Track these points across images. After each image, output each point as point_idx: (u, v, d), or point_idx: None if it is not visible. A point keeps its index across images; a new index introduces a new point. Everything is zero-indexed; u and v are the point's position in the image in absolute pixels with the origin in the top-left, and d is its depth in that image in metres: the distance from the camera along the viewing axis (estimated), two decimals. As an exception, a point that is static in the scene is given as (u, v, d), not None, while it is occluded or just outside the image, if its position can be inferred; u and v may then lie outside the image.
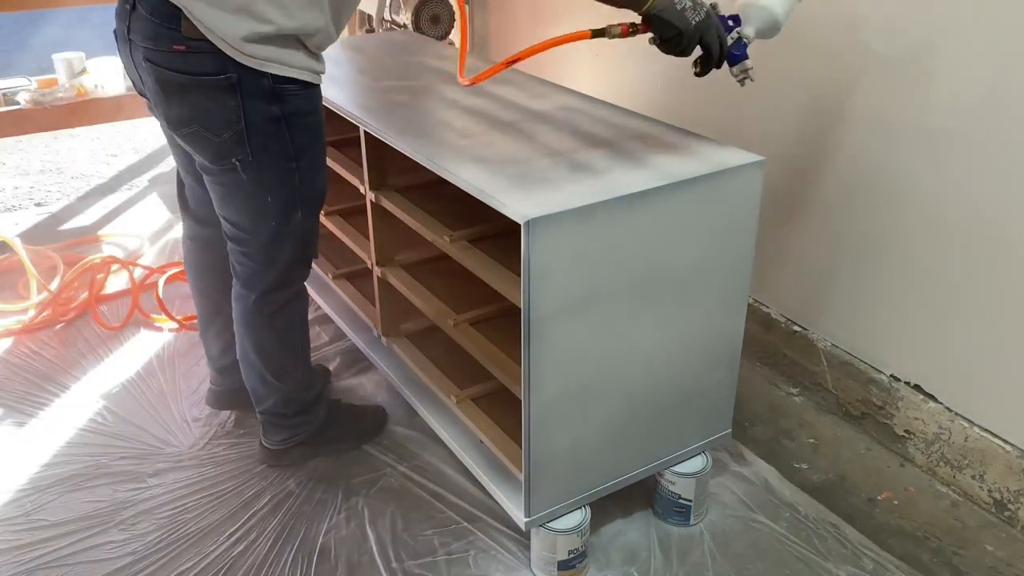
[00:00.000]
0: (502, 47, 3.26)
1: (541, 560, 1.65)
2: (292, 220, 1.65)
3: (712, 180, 1.52)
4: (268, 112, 1.52)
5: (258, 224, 1.64)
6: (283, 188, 1.61)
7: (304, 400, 1.89)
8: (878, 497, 1.90)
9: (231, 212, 1.65)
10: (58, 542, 1.76)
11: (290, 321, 1.79)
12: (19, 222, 3.24)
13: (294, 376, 1.84)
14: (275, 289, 1.72)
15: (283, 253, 1.68)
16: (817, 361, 2.19)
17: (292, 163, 1.59)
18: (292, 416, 1.89)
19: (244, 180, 1.58)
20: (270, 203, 1.62)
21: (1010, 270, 1.72)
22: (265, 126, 1.54)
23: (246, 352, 1.81)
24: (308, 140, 1.61)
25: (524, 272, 1.36)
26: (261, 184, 1.59)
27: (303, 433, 1.92)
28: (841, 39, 1.93)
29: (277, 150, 1.57)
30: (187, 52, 1.45)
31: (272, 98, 1.51)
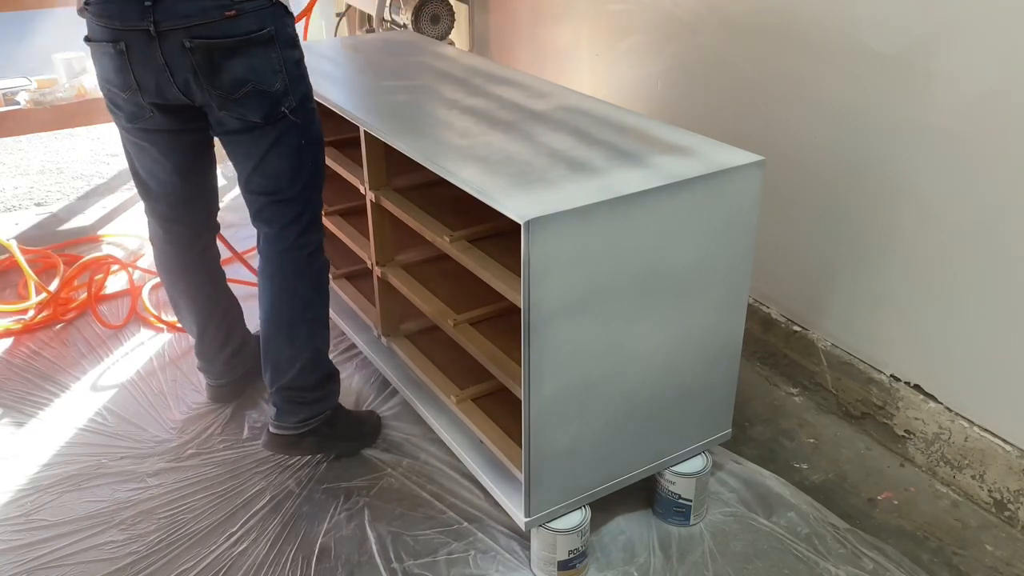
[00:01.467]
0: (502, 47, 3.26)
1: (541, 560, 1.65)
2: (319, 159, 1.78)
3: (712, 180, 1.52)
4: (294, 56, 1.66)
5: (299, 169, 1.73)
6: (311, 128, 1.73)
7: (326, 367, 1.88)
8: (878, 497, 1.90)
9: (272, 166, 1.71)
10: (58, 542, 1.76)
11: (322, 265, 1.84)
12: (19, 222, 3.24)
13: (326, 327, 1.87)
14: (308, 231, 1.79)
15: (315, 195, 1.79)
16: (817, 361, 2.19)
17: (312, 103, 1.73)
18: (313, 389, 1.84)
19: (293, 126, 1.68)
20: (304, 146, 1.72)
21: (1010, 270, 1.72)
22: (296, 70, 1.66)
23: (278, 309, 1.80)
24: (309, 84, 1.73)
25: (524, 272, 1.36)
26: (299, 128, 1.70)
27: (320, 415, 1.87)
28: (841, 39, 1.94)
29: (305, 92, 1.70)
30: (237, 15, 1.55)
31: (295, 43, 1.65)
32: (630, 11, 2.54)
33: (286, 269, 1.80)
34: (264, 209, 1.77)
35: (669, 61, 2.44)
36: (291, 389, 1.83)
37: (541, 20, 3.00)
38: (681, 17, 2.36)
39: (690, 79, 2.39)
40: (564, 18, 2.87)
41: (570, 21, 2.83)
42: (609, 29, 2.65)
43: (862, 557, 1.72)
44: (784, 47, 2.09)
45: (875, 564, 1.70)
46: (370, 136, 1.84)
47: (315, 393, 1.86)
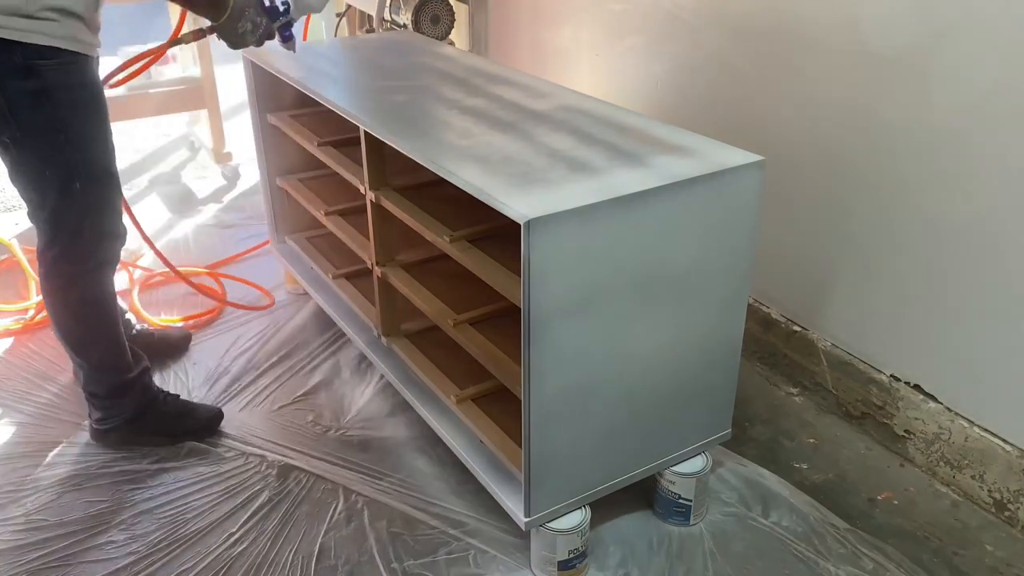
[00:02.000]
0: (502, 47, 3.26)
1: (541, 560, 1.65)
2: (72, 191, 1.69)
3: (712, 180, 1.52)
4: (23, 87, 1.56)
5: (42, 196, 1.70)
6: (56, 161, 1.66)
7: (113, 383, 1.92)
8: (878, 497, 1.90)
9: (18, 184, 1.71)
10: (58, 542, 1.76)
11: (83, 297, 1.81)
12: (19, 222, 3.24)
13: (96, 354, 1.87)
14: (63, 260, 1.76)
15: (67, 225, 1.73)
16: (817, 361, 2.19)
17: (60, 135, 1.64)
18: (104, 398, 1.93)
19: (18, 154, 1.65)
20: (48, 176, 1.67)
21: (1010, 270, 1.72)
22: (25, 101, 1.58)
23: (52, 323, 1.86)
24: (74, 113, 1.64)
25: (524, 272, 1.36)
26: (36, 158, 1.65)
27: (116, 418, 1.96)
28: (841, 39, 1.93)
29: (43, 124, 1.61)
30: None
31: (25, 73, 1.55)
32: (630, 11, 2.54)
33: (45, 291, 1.81)
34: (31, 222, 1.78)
35: (669, 61, 2.44)
36: (86, 391, 1.94)
37: (541, 20, 2.99)
38: (681, 17, 2.36)
39: (690, 79, 2.39)
40: (564, 18, 2.87)
41: (570, 21, 2.83)
42: (609, 29, 2.65)
43: (862, 557, 1.72)
44: (784, 47, 2.09)
45: (875, 564, 1.70)
46: (370, 136, 1.83)
47: (105, 401, 1.95)
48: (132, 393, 1.96)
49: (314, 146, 2.22)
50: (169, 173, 3.73)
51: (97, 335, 1.87)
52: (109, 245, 1.82)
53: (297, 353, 2.40)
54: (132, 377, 1.95)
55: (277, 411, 2.16)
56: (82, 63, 1.63)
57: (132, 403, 1.97)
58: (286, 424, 2.11)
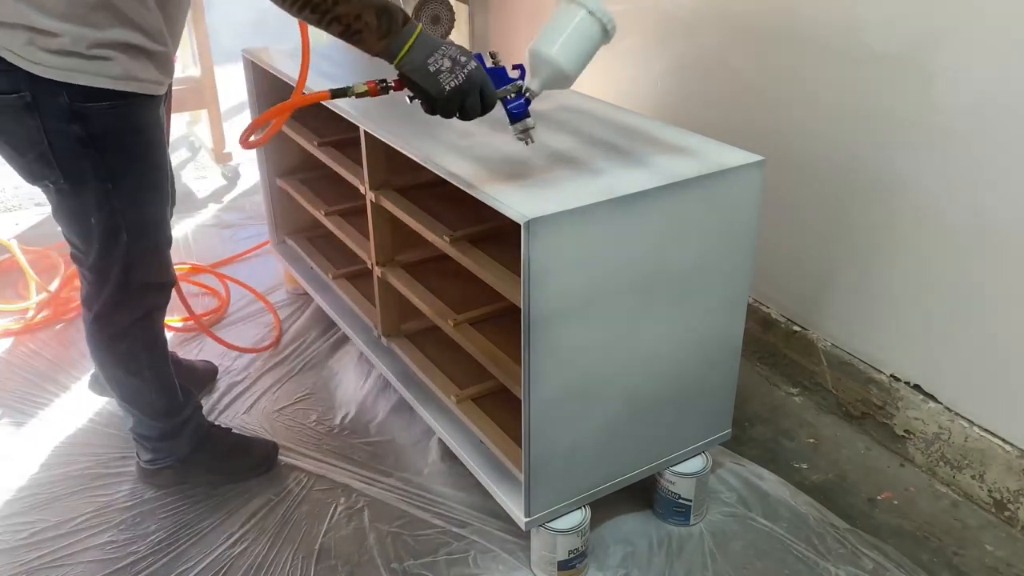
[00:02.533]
0: (501, 47, 3.26)
1: (541, 560, 1.65)
2: (118, 242, 1.56)
3: (712, 180, 1.52)
4: (70, 132, 1.43)
5: (87, 243, 1.58)
6: (101, 211, 1.53)
7: (164, 428, 1.81)
8: (878, 497, 1.90)
9: (63, 228, 1.60)
10: (58, 542, 1.76)
11: (132, 347, 1.69)
12: (19, 222, 3.24)
13: (147, 402, 1.76)
14: (111, 311, 1.64)
15: (113, 275, 1.60)
16: (817, 361, 2.19)
17: (107, 184, 1.50)
18: (155, 440, 1.83)
19: (60, 202, 1.53)
20: (93, 224, 1.54)
21: (1010, 270, 1.72)
22: (70, 147, 1.44)
23: (99, 371, 1.78)
24: (124, 161, 1.51)
25: (524, 272, 1.36)
26: (81, 206, 1.52)
27: (168, 459, 1.86)
28: (841, 39, 1.93)
29: (88, 172, 1.48)
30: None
31: (72, 117, 1.42)
32: (630, 11, 2.54)
33: (91, 343, 1.71)
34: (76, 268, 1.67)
35: (669, 61, 2.44)
36: (135, 434, 1.85)
37: (541, 20, 2.99)
38: (681, 17, 2.36)
39: (690, 79, 2.39)
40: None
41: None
42: (609, 29, 2.65)
43: (862, 557, 1.72)
44: (784, 47, 2.09)
45: (875, 564, 1.70)
46: (370, 136, 1.83)
47: (155, 443, 1.85)
48: (184, 434, 1.85)
49: (314, 146, 2.22)
50: (169, 173, 3.73)
51: (148, 385, 1.75)
52: (157, 295, 1.70)
53: (297, 353, 2.40)
54: (184, 419, 1.83)
55: (278, 411, 2.16)
56: (140, 104, 1.48)
57: (185, 444, 1.86)
58: (286, 424, 2.11)
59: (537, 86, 1.46)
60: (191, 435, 1.86)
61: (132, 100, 1.47)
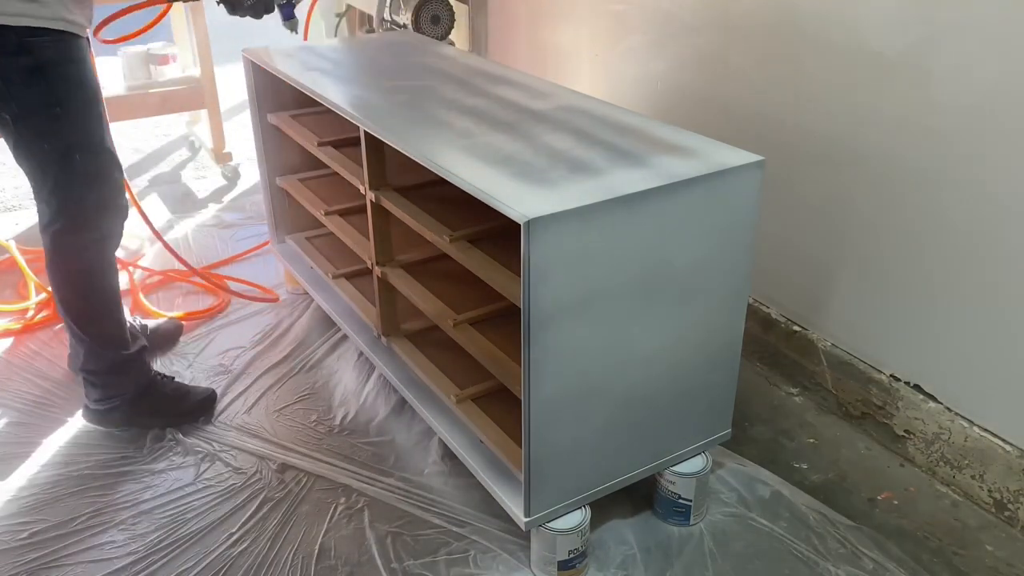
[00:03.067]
0: (502, 47, 3.26)
1: (541, 560, 1.65)
2: (72, 163, 1.75)
3: (712, 180, 1.52)
4: (19, 64, 1.64)
5: (43, 171, 1.76)
6: (55, 135, 1.73)
7: (113, 359, 1.95)
8: (878, 497, 1.90)
9: (20, 161, 1.77)
10: (58, 542, 1.76)
11: (84, 269, 1.86)
12: (19, 222, 3.24)
13: (98, 328, 1.91)
14: (68, 232, 1.80)
15: (69, 196, 1.78)
16: (817, 361, 2.19)
17: (56, 109, 1.71)
18: (104, 375, 1.96)
19: (17, 132, 1.71)
20: (47, 149, 1.73)
21: (1010, 270, 1.72)
22: (21, 78, 1.66)
23: (55, 299, 1.89)
24: (68, 87, 1.72)
25: (524, 272, 1.36)
26: (35, 133, 1.72)
27: (116, 397, 1.98)
28: (842, 39, 1.93)
29: (38, 100, 1.69)
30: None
31: (19, 50, 1.63)
32: (630, 11, 2.54)
33: (49, 266, 1.86)
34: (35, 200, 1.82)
35: (669, 61, 2.44)
36: (84, 371, 1.97)
37: (541, 20, 3.00)
38: (681, 17, 2.36)
39: (690, 79, 2.39)
40: (564, 18, 2.87)
41: (570, 21, 2.83)
42: (609, 29, 2.65)
43: (862, 557, 1.72)
44: (784, 47, 2.09)
45: (875, 564, 1.70)
46: (370, 136, 1.83)
47: (105, 379, 1.97)
48: (132, 371, 1.99)
49: (314, 146, 2.22)
50: (169, 173, 3.73)
51: (99, 309, 1.91)
52: (111, 217, 1.86)
53: (297, 353, 2.40)
54: (132, 354, 1.98)
55: (278, 411, 2.16)
56: (72, 41, 1.70)
57: (131, 382, 2.00)
58: (286, 424, 2.11)
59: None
60: (137, 374, 2.01)
61: (66, 36, 1.69)
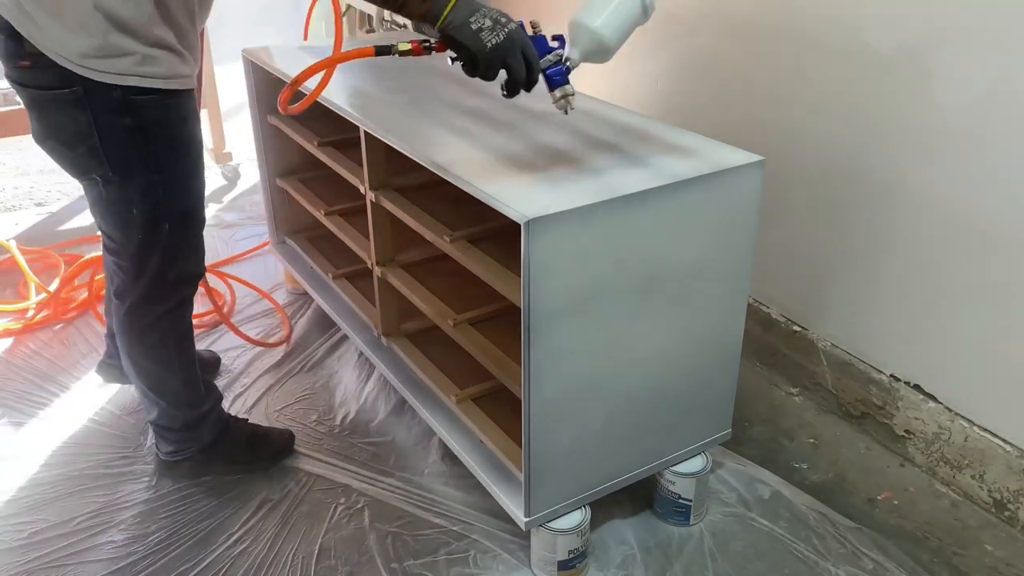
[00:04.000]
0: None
1: (541, 560, 1.65)
2: (159, 233, 1.61)
3: (712, 180, 1.52)
4: (121, 124, 1.49)
5: (126, 235, 1.62)
6: (146, 202, 1.58)
7: (187, 418, 1.84)
8: (878, 497, 1.90)
9: (101, 222, 1.65)
10: (58, 542, 1.76)
11: (163, 337, 1.73)
12: (19, 222, 3.24)
13: (172, 392, 1.79)
14: (144, 302, 1.68)
15: (151, 266, 1.64)
16: (817, 361, 2.19)
17: (154, 176, 1.56)
18: (177, 431, 1.85)
19: (106, 193, 1.57)
20: (135, 215, 1.58)
21: (1010, 270, 1.72)
22: (120, 139, 1.50)
23: (125, 363, 1.79)
24: (170, 151, 1.57)
25: (524, 272, 1.36)
26: (125, 198, 1.57)
27: (189, 450, 1.88)
28: (841, 39, 1.93)
29: (136, 163, 1.54)
30: (32, 67, 1.44)
31: (124, 110, 1.48)
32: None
33: (122, 334, 1.74)
34: (107, 262, 1.72)
35: (669, 61, 2.44)
36: (155, 426, 1.87)
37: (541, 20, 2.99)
38: (681, 17, 2.36)
39: (690, 79, 2.39)
40: (563, 18, 2.86)
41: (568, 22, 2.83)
42: (609, 29, 2.65)
43: (862, 557, 1.72)
44: (785, 47, 2.09)
45: (875, 564, 1.70)
46: (370, 136, 1.83)
47: (178, 434, 1.86)
48: (206, 425, 1.87)
49: (314, 146, 2.22)
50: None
51: (175, 376, 1.78)
52: (188, 286, 1.74)
53: (297, 353, 2.40)
54: (207, 410, 1.86)
55: (278, 411, 2.16)
56: (182, 98, 1.56)
57: (206, 434, 1.88)
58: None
59: (577, 56, 1.50)
60: (212, 426, 1.89)
61: (176, 93, 1.54)
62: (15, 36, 1.42)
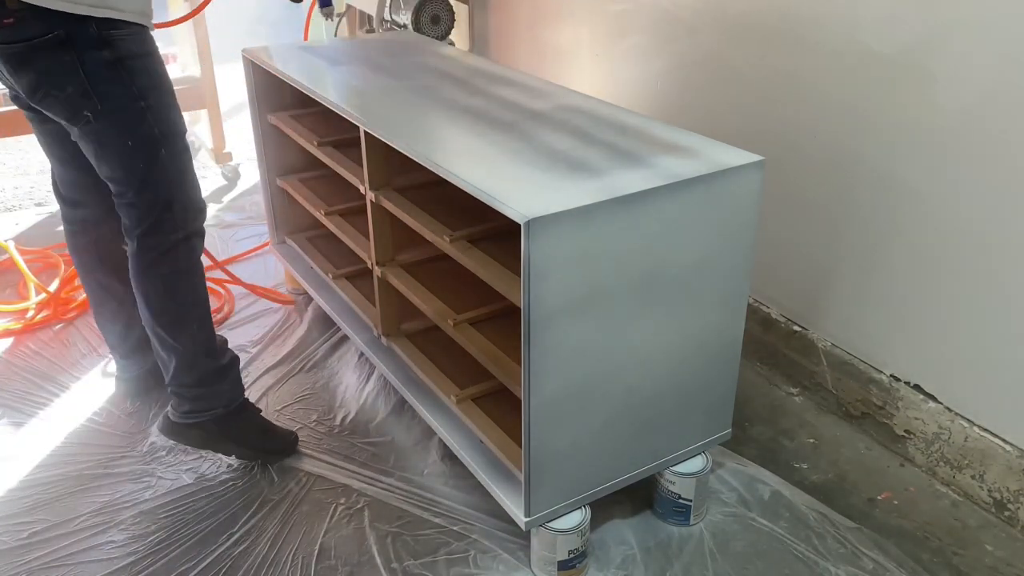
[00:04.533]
0: (502, 47, 3.26)
1: (541, 560, 1.65)
2: (158, 159, 1.71)
3: (712, 180, 1.52)
4: (101, 58, 1.60)
5: (128, 169, 1.70)
6: (140, 127, 1.68)
7: (206, 368, 1.85)
8: (878, 497, 1.90)
9: (104, 165, 1.71)
10: (58, 542, 1.76)
11: (175, 269, 1.78)
12: (19, 222, 3.24)
13: (189, 333, 1.81)
14: (153, 232, 1.75)
15: (158, 195, 1.73)
16: (817, 361, 2.19)
17: (140, 103, 1.66)
18: (194, 386, 1.85)
19: (101, 129, 1.66)
20: (132, 146, 1.68)
21: (1010, 269, 1.72)
22: (103, 73, 1.61)
23: (142, 310, 1.82)
24: (148, 80, 1.68)
25: (524, 272, 1.36)
26: (118, 129, 1.67)
27: (204, 414, 1.88)
28: (841, 39, 1.93)
29: (122, 93, 1.64)
30: (15, 24, 1.54)
31: (102, 44, 1.59)
32: (630, 11, 2.54)
33: (135, 272, 1.78)
34: (119, 208, 1.77)
35: (669, 61, 2.44)
36: (174, 384, 1.87)
37: (541, 20, 2.99)
38: (681, 17, 2.36)
39: (690, 79, 2.39)
40: (564, 18, 2.87)
41: (570, 21, 2.83)
42: (609, 29, 2.65)
43: (862, 557, 1.72)
44: (784, 47, 2.09)
45: (875, 564, 1.70)
46: (370, 136, 1.83)
47: (195, 390, 1.87)
48: (225, 383, 1.89)
49: (314, 146, 2.22)
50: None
51: (190, 312, 1.82)
52: (196, 214, 1.80)
53: (298, 353, 2.40)
54: (225, 364, 1.89)
55: (278, 411, 2.16)
56: (147, 34, 1.69)
57: (224, 397, 1.89)
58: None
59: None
60: (230, 389, 1.91)
61: (140, 29, 1.67)
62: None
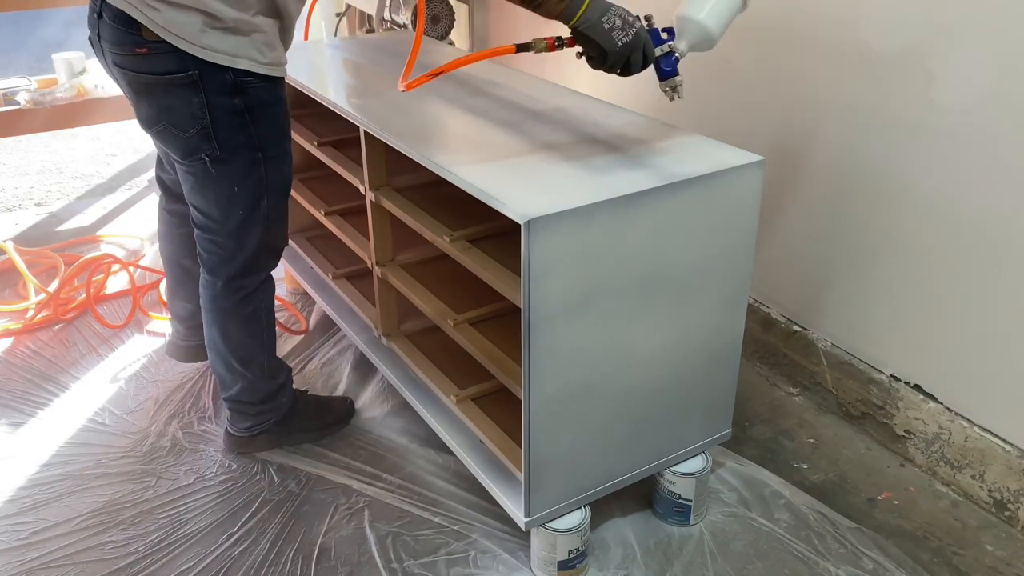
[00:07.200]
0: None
1: (541, 560, 1.65)
2: (259, 208, 1.72)
3: (712, 180, 1.52)
4: (231, 106, 1.59)
5: (227, 213, 1.71)
6: (250, 178, 1.68)
7: (269, 389, 1.92)
8: (878, 497, 1.90)
9: (200, 202, 1.72)
10: (58, 542, 1.76)
11: (256, 309, 1.84)
12: (19, 222, 3.24)
13: (259, 364, 1.88)
14: (241, 276, 1.78)
15: (250, 240, 1.75)
16: (817, 361, 2.19)
17: (257, 153, 1.66)
18: (257, 404, 1.93)
19: (212, 173, 1.65)
20: (237, 193, 1.68)
21: (1010, 269, 1.72)
22: (229, 119, 1.60)
23: (213, 339, 1.85)
24: (272, 130, 1.68)
25: (524, 272, 1.36)
26: (229, 176, 1.66)
27: (268, 422, 1.96)
28: (841, 39, 1.93)
29: (243, 142, 1.64)
30: (149, 54, 1.53)
31: (234, 92, 1.58)
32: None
33: (217, 309, 1.82)
34: (199, 240, 1.78)
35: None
36: (234, 402, 1.92)
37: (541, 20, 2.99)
38: (681, 17, 2.36)
39: (690, 79, 2.38)
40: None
41: (570, 21, 2.83)
42: (609, 29, 2.65)
43: (862, 557, 1.72)
44: (784, 47, 2.09)
45: (875, 564, 1.70)
46: (370, 136, 1.83)
47: (258, 407, 1.94)
48: (282, 395, 1.97)
49: (314, 146, 2.22)
50: (169, 173, 3.73)
51: (264, 345, 1.88)
52: (276, 257, 1.84)
53: (297, 353, 2.40)
54: (284, 380, 1.96)
55: (277, 411, 2.16)
56: (278, 82, 1.67)
57: (282, 406, 1.97)
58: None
59: (685, 47, 1.63)
60: (288, 398, 1.98)
61: (271, 78, 1.64)
62: (131, 23, 1.51)
